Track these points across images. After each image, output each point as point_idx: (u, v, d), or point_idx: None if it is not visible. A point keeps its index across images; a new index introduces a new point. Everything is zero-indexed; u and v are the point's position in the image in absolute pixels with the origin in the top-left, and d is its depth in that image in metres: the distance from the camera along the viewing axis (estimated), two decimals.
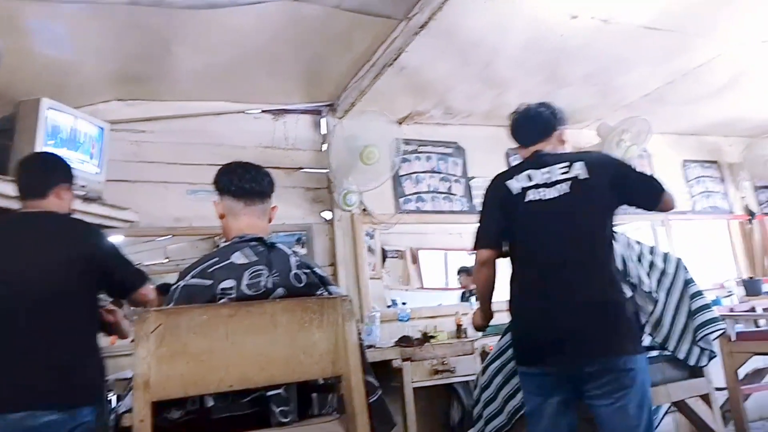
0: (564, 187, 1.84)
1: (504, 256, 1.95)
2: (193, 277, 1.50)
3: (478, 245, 1.96)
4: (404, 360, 2.72)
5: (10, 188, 2.24)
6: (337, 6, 2.41)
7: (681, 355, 2.05)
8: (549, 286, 1.78)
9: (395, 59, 2.78)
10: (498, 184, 1.99)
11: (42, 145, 2.33)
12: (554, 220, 1.83)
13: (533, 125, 2.08)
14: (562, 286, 1.75)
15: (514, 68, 3.13)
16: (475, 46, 2.81)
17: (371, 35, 2.70)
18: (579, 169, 1.85)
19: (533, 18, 2.61)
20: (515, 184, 1.92)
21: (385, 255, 3.81)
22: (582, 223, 1.81)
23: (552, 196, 1.84)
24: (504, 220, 1.93)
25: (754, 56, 3.24)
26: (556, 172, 1.88)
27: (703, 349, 2.06)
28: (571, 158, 1.91)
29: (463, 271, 4.06)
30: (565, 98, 3.63)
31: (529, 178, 1.91)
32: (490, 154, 3.95)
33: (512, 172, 1.98)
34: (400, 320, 3.25)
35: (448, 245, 4.27)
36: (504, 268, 1.96)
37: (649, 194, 1.88)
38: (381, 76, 2.95)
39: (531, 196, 1.87)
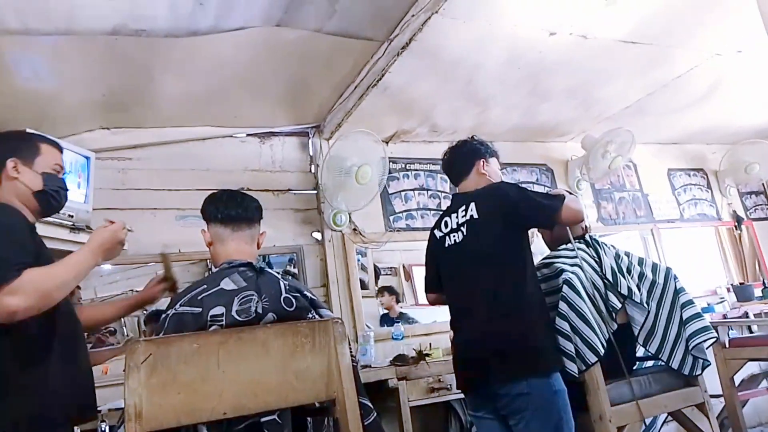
0: (463, 230, 2.02)
1: None
2: (182, 305, 1.49)
3: (425, 290, 2.27)
4: (400, 379, 2.70)
5: None
6: (318, 30, 2.44)
7: (675, 365, 2.05)
8: (462, 324, 2.01)
9: (379, 80, 2.81)
10: (431, 233, 2.21)
11: None
12: (461, 262, 2.02)
13: (455, 164, 2.26)
14: (469, 323, 1.96)
15: (495, 85, 3.17)
16: (456, 64, 2.85)
17: (354, 57, 2.74)
18: (472, 210, 2.01)
19: (512, 35, 2.65)
20: (438, 233, 2.14)
21: (378, 273, 3.80)
22: (480, 262, 1.95)
23: (458, 240, 2.04)
24: (434, 266, 2.17)
25: (730, 66, 3.31)
26: (459, 215, 2.05)
27: (696, 358, 2.07)
28: (467, 199, 2.06)
29: (384, 289, 3.69)
30: (548, 112, 3.70)
31: (446, 224, 2.11)
32: None
33: (439, 219, 2.17)
34: (395, 339, 3.24)
35: None
36: None
37: (540, 217, 1.99)
38: (365, 96, 2.97)
39: (447, 241, 2.08)
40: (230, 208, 1.67)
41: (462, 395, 2.84)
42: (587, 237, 2.21)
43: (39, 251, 1.51)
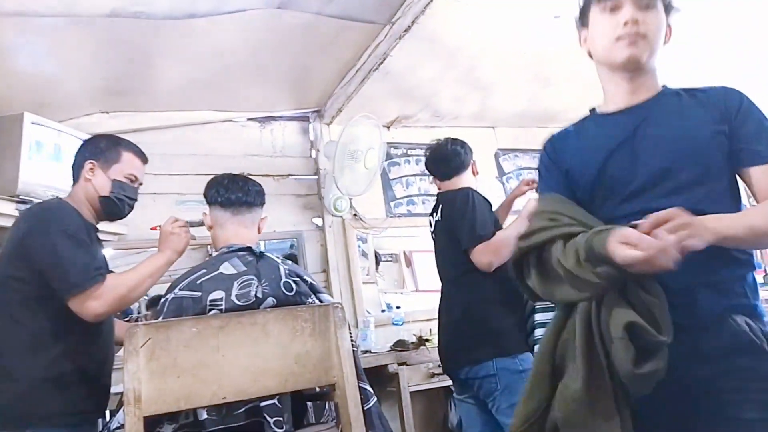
0: (437, 229, 2.27)
1: None
2: (181, 289, 1.48)
3: None
4: (400, 364, 2.70)
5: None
6: (319, 12, 2.40)
7: None
8: (440, 313, 2.25)
9: (380, 64, 2.78)
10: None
11: (26, 161, 2.31)
12: (436, 256, 2.31)
13: (439, 164, 2.43)
14: (441, 311, 2.23)
15: (498, 70, 3.14)
16: (458, 49, 2.81)
17: (355, 41, 2.70)
18: (439, 213, 2.25)
19: (516, 19, 2.61)
20: (431, 227, 2.36)
21: (378, 259, 3.80)
22: (444, 260, 2.25)
23: (434, 238, 2.32)
24: None
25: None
26: (435, 215, 2.30)
27: None
28: (439, 201, 2.31)
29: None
30: (551, 98, 3.66)
31: (430, 223, 2.35)
32: (479, 155, 3.92)
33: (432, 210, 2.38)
34: (395, 324, 3.24)
35: None
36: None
37: (463, 243, 2.09)
38: (367, 81, 2.94)
39: (433, 237, 2.33)
40: (231, 191, 1.66)
41: None
42: None
43: (95, 250, 1.65)
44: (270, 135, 3.40)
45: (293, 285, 1.57)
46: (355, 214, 3.44)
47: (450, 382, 2.82)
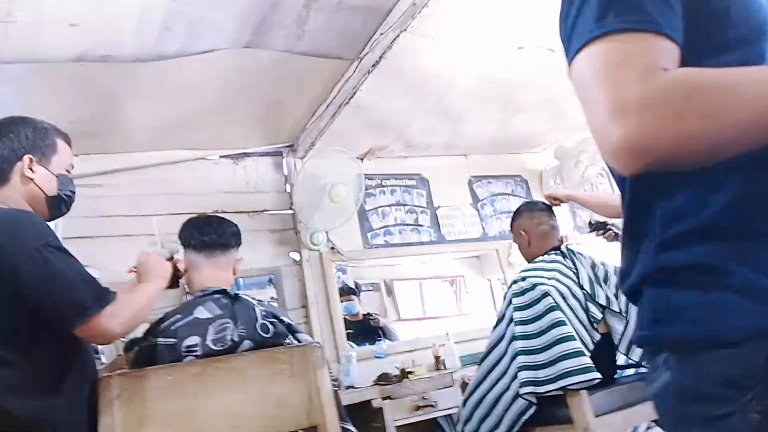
0: None
1: None
2: (155, 336, 1.45)
3: None
4: (384, 399, 2.66)
5: None
6: (288, 50, 2.43)
7: None
8: None
9: (351, 98, 2.81)
10: None
11: None
12: None
13: None
14: None
15: (467, 100, 3.20)
16: (428, 81, 2.86)
17: (325, 76, 2.74)
18: None
19: (482, 51, 2.68)
20: None
21: (359, 289, 3.78)
22: None
23: None
24: None
25: None
26: None
27: None
28: None
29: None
30: (521, 124, 3.74)
31: None
32: (453, 182, 4.01)
33: None
34: (377, 357, 3.20)
35: (421, 274, 4.27)
36: None
37: None
38: (338, 115, 2.97)
39: None
40: (205, 233, 1.64)
41: (449, 412, 2.84)
42: (563, 248, 2.22)
43: None
44: (243, 171, 3.39)
45: (270, 326, 1.55)
46: (332, 247, 3.42)
47: (436, 415, 2.80)
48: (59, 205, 1.46)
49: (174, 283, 1.67)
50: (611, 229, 2.38)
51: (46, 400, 1.23)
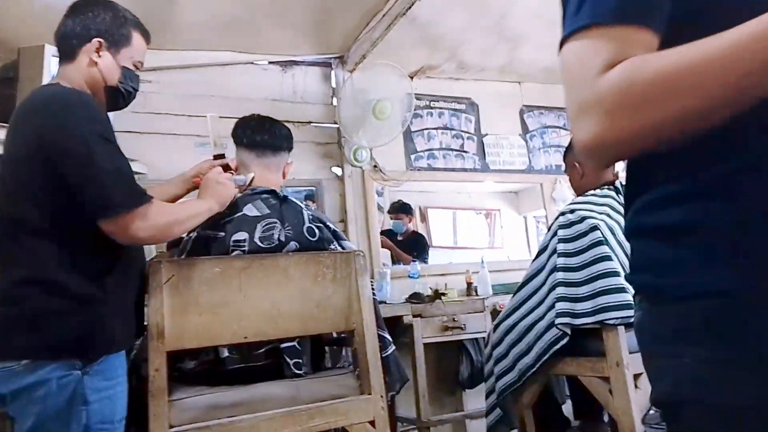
0: None
1: None
2: (204, 228, 1.47)
3: None
4: (415, 316, 2.72)
5: None
6: None
7: None
8: None
9: (408, 9, 2.67)
10: None
11: None
12: None
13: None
14: None
15: (530, 21, 3.01)
16: None
17: None
18: None
19: None
20: None
21: (410, 210, 3.79)
22: None
23: None
24: None
25: None
26: None
27: None
28: None
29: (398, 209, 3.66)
30: None
31: None
32: (504, 110, 3.87)
33: None
34: (411, 277, 3.24)
35: (457, 204, 4.24)
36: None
37: None
38: (393, 27, 2.84)
39: None
40: (257, 133, 1.63)
41: (476, 336, 2.89)
42: (617, 183, 2.14)
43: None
44: (291, 80, 3.33)
45: (316, 230, 1.55)
46: (375, 166, 3.39)
47: (463, 337, 2.86)
48: (117, 97, 1.43)
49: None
50: None
51: (96, 279, 1.25)
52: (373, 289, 1.59)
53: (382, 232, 3.47)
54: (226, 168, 1.62)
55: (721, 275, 0.58)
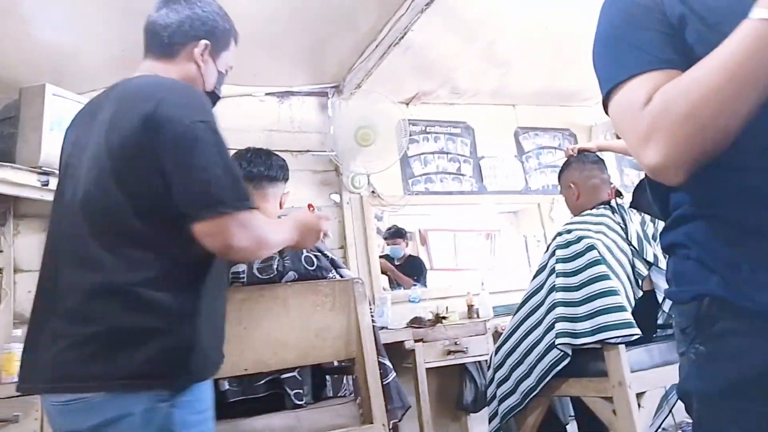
0: None
1: None
2: None
3: None
4: (416, 341, 2.71)
5: (16, 175, 2.25)
6: None
7: None
8: None
9: (401, 38, 2.73)
10: None
11: (48, 133, 2.31)
12: None
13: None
14: None
15: (518, 46, 3.08)
16: (480, 23, 2.76)
17: (376, 13, 2.65)
18: None
19: None
20: None
21: (406, 234, 3.80)
22: None
23: None
24: None
25: None
26: None
27: None
28: None
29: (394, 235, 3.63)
30: (573, 75, 3.59)
31: None
32: (499, 133, 3.92)
33: None
34: (411, 302, 3.24)
35: (457, 227, 4.25)
36: None
37: None
38: (387, 55, 2.90)
39: None
40: (254, 165, 1.66)
41: (479, 359, 2.88)
42: (612, 203, 2.16)
43: None
44: (288, 110, 3.38)
45: (314, 259, 1.57)
46: (373, 191, 3.42)
47: (466, 361, 2.85)
48: (211, 102, 1.21)
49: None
50: None
51: (189, 290, 1.05)
52: (372, 315, 1.60)
53: (380, 257, 3.49)
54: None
55: (710, 283, 0.74)
